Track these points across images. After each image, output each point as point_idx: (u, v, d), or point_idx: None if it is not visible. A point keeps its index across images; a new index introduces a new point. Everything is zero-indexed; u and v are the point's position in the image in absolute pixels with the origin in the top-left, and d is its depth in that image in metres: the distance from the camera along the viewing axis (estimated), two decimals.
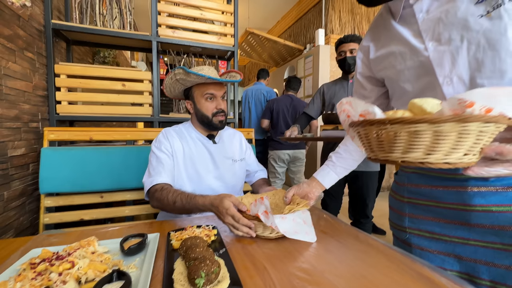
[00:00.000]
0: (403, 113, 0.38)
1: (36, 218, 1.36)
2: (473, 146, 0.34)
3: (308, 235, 0.67)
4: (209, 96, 0.97)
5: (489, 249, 0.54)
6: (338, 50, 1.56)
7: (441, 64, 0.54)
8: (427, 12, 0.54)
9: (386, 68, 0.64)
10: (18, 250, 0.63)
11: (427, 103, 0.36)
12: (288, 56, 4.26)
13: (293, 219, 0.68)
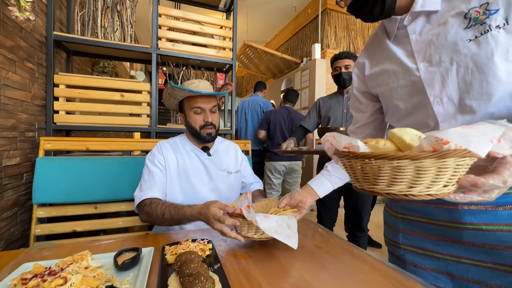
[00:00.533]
0: (384, 143, 0.39)
1: (27, 229, 1.34)
2: (451, 178, 0.37)
3: (290, 239, 0.66)
4: (197, 109, 0.99)
5: (481, 268, 0.55)
6: (334, 65, 1.61)
7: (431, 85, 0.56)
8: (420, 34, 0.57)
9: (380, 85, 0.67)
10: (8, 264, 0.62)
11: (407, 134, 0.38)
12: (285, 69, 4.35)
13: (277, 221, 0.68)
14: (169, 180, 0.99)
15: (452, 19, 0.52)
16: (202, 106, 0.98)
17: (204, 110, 0.99)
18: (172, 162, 1.01)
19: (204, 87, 0.99)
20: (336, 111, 1.62)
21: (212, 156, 1.06)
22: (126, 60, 1.96)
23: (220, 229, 0.69)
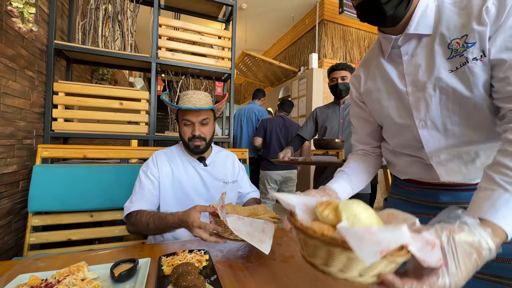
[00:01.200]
0: (328, 214, 0.40)
1: (21, 238, 1.32)
2: (366, 270, 0.36)
3: (262, 243, 0.65)
4: (186, 121, 1.00)
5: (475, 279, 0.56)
6: (330, 76, 1.65)
7: (417, 108, 0.60)
8: (412, 56, 0.60)
9: (373, 102, 0.70)
10: (3, 275, 0.61)
11: (346, 211, 0.38)
12: (283, 77, 4.41)
13: (251, 224, 0.68)
14: (163, 191, 1.00)
15: (437, 47, 0.55)
16: (190, 119, 0.99)
17: (193, 123, 1.00)
18: (167, 173, 1.02)
19: (197, 99, 1.01)
20: (333, 121, 1.65)
21: (209, 166, 1.07)
22: (126, 68, 1.98)
23: (199, 235, 0.71)
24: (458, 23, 0.53)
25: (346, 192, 0.68)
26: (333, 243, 0.35)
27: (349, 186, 0.69)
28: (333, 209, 0.40)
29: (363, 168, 0.74)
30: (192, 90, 1.03)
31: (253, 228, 0.68)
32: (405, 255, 0.33)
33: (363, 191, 1.52)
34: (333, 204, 0.41)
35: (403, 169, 0.70)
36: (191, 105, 0.98)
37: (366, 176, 0.74)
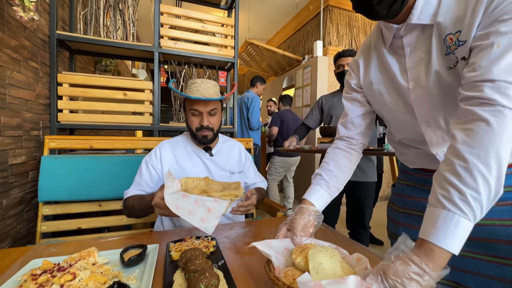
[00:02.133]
0: (300, 261, 0.48)
1: (33, 227, 1.36)
2: None
3: (204, 223, 0.63)
4: (194, 111, 0.98)
5: (475, 260, 0.57)
6: (337, 63, 1.61)
7: (420, 106, 0.57)
8: (414, 48, 0.55)
9: (375, 94, 0.66)
10: (17, 260, 0.63)
11: (312, 260, 0.45)
12: (287, 66, 4.34)
13: (196, 202, 0.66)
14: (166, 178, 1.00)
15: (437, 40, 0.51)
16: (198, 109, 0.97)
17: (201, 113, 0.98)
18: (171, 163, 1.01)
19: (205, 88, 0.98)
20: (339, 108, 1.62)
21: (215, 156, 1.06)
22: (128, 58, 1.96)
23: (157, 212, 0.75)
24: (455, 15, 0.48)
25: (325, 201, 0.69)
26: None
27: (327, 193, 0.69)
28: (304, 257, 0.48)
29: (343, 168, 0.71)
30: (200, 79, 0.99)
31: (197, 206, 0.65)
32: None
33: (369, 179, 1.53)
34: (305, 252, 0.48)
35: (411, 159, 0.68)
36: (199, 95, 0.96)
37: (344, 179, 0.72)
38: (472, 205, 0.40)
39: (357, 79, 0.71)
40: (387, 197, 3.97)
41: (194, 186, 0.81)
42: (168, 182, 0.72)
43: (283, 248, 0.55)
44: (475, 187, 0.40)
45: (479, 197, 0.40)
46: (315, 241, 0.57)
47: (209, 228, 0.64)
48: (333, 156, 0.73)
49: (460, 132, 0.44)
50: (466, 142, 0.42)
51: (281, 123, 2.92)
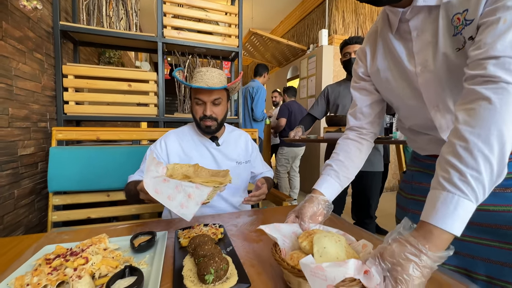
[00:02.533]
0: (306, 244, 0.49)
1: (44, 216, 1.39)
2: None
3: (183, 209, 0.62)
4: (197, 100, 0.97)
5: (486, 246, 0.56)
6: (343, 51, 1.57)
7: (428, 90, 0.55)
8: (422, 31, 0.53)
9: (382, 82, 0.65)
10: (31, 246, 0.65)
11: (317, 244, 0.46)
12: (291, 56, 4.27)
13: (177, 187, 0.64)
14: None
15: (443, 21, 0.49)
16: (202, 98, 0.96)
17: (205, 102, 0.97)
18: (177, 153, 1.01)
19: (210, 77, 0.97)
20: (345, 98, 1.59)
21: (221, 146, 1.06)
22: (131, 49, 1.95)
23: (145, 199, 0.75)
24: None
25: (335, 191, 0.68)
26: (299, 275, 0.41)
27: (337, 183, 0.68)
28: (310, 241, 0.48)
29: (353, 158, 0.70)
30: (206, 67, 0.98)
31: (177, 191, 0.63)
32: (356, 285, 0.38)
33: (376, 169, 1.51)
34: (311, 237, 0.49)
35: (422, 146, 0.67)
36: (203, 84, 0.95)
37: (354, 169, 0.71)
38: (473, 185, 0.39)
39: (364, 68, 0.70)
40: (393, 188, 3.95)
41: (182, 172, 0.79)
42: (152, 166, 0.70)
43: (291, 232, 0.55)
44: (475, 167, 0.39)
45: (480, 176, 0.39)
46: (323, 227, 0.58)
47: (187, 214, 0.62)
48: (343, 147, 0.72)
49: (462, 112, 0.43)
50: (467, 122, 0.41)
51: (289, 114, 2.91)
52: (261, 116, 2.75)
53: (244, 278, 0.49)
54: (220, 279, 0.48)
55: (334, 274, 0.37)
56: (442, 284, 0.49)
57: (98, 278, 0.48)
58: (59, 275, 0.46)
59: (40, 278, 0.45)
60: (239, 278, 0.49)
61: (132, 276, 0.47)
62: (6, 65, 1.08)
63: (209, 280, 0.46)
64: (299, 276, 0.42)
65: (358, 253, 0.49)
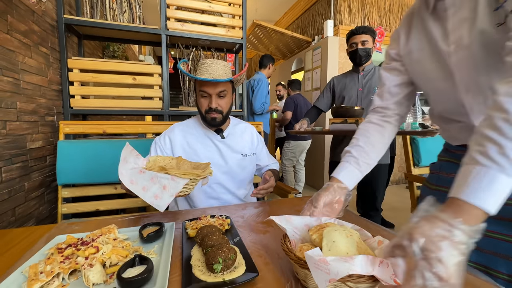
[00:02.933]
0: (316, 237, 0.48)
1: (54, 208, 1.42)
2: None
3: (157, 200, 0.62)
4: (203, 93, 0.96)
5: (510, 243, 0.53)
6: (350, 41, 1.53)
7: (461, 70, 0.53)
8: (459, 8, 0.51)
9: (414, 63, 0.63)
10: (43, 236, 0.66)
11: (326, 238, 0.45)
12: (296, 48, 4.20)
13: (152, 178, 0.64)
14: None
15: None
16: (207, 90, 0.95)
17: (210, 95, 0.96)
18: (181, 145, 1.01)
19: (215, 69, 0.95)
20: (351, 90, 1.56)
21: (226, 138, 1.06)
22: (135, 42, 1.94)
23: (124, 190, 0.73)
24: None
25: (355, 178, 0.65)
26: (305, 267, 0.41)
27: (357, 170, 0.65)
28: (320, 234, 0.48)
29: (374, 143, 0.67)
30: (211, 59, 0.96)
31: (152, 183, 0.64)
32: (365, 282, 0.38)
33: (382, 161, 1.49)
34: (322, 230, 0.49)
35: (453, 135, 0.65)
36: (208, 76, 0.93)
37: (376, 154, 0.67)
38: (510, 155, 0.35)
39: (397, 49, 0.68)
40: (398, 181, 3.92)
41: (164, 165, 0.79)
42: (131, 158, 0.70)
43: (303, 225, 0.55)
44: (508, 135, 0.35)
45: None
46: (337, 222, 0.57)
47: (161, 205, 0.62)
48: (363, 132, 0.69)
49: (504, 85, 0.39)
50: (509, 93, 0.37)
51: (294, 107, 2.90)
52: (260, 109, 2.67)
53: (252, 267, 0.49)
54: (228, 268, 0.48)
55: (337, 269, 0.36)
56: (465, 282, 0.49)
57: (109, 267, 0.49)
58: (71, 264, 0.47)
59: (53, 267, 0.46)
60: (247, 268, 0.49)
61: (142, 265, 0.48)
62: (12, 59, 1.09)
63: (218, 269, 0.46)
64: (305, 268, 0.41)
65: (373, 249, 0.48)
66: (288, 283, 0.47)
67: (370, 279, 0.38)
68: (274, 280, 0.48)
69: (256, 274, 0.47)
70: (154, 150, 1.02)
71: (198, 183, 0.76)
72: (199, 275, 0.47)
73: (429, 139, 1.86)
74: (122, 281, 0.42)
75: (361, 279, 0.38)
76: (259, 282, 0.47)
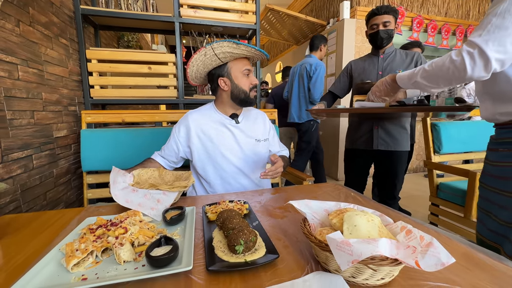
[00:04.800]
0: (336, 221, 0.49)
1: (80, 194, 1.51)
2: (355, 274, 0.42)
3: (154, 211, 0.69)
4: (246, 72, 0.99)
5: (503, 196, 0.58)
6: (370, 23, 1.45)
7: None
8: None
9: None
10: (74, 218, 0.71)
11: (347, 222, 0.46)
12: (310, 33, 4.06)
13: (145, 195, 0.72)
14: (194, 149, 1.02)
15: None
16: (250, 68, 1.00)
17: (251, 72, 1.00)
18: (196, 133, 1.02)
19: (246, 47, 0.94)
20: (370, 73, 1.50)
21: (240, 123, 1.06)
22: (148, 31, 1.95)
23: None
24: None
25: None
26: (326, 249, 0.42)
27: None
28: (340, 218, 0.49)
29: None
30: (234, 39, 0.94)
31: (146, 199, 0.71)
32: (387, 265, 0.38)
33: (402, 148, 1.45)
34: (342, 215, 0.49)
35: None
36: (246, 52, 0.95)
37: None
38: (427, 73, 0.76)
39: None
40: (416, 170, 3.81)
41: (148, 177, 0.87)
42: (119, 178, 0.77)
43: (322, 210, 0.55)
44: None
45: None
46: (357, 207, 0.56)
47: (158, 215, 0.68)
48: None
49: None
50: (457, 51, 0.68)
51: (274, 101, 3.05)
52: (319, 98, 2.32)
53: (272, 250, 0.51)
54: (249, 250, 0.50)
55: (361, 250, 0.37)
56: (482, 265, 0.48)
57: (137, 246, 0.52)
58: (103, 243, 0.50)
59: (86, 245, 0.50)
60: (267, 250, 0.51)
61: (167, 245, 0.51)
62: (36, 50, 1.13)
63: (240, 251, 0.48)
64: (326, 250, 0.42)
65: (394, 235, 0.48)
66: (308, 265, 0.48)
67: (392, 262, 0.38)
68: (294, 262, 0.49)
69: (277, 255, 0.48)
70: (172, 137, 1.04)
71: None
72: (221, 256, 0.49)
73: (452, 125, 1.78)
74: (151, 259, 0.45)
75: (384, 261, 0.38)
76: (280, 263, 0.48)
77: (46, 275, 0.44)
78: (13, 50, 0.99)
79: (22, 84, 1.04)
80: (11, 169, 0.97)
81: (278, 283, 0.42)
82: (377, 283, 0.42)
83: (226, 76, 1.00)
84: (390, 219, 0.52)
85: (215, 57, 0.94)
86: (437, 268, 0.35)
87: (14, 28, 1.00)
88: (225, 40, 0.89)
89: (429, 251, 0.36)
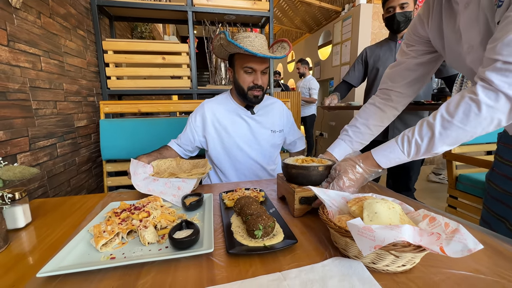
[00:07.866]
0: (355, 209, 0.49)
1: (100, 181, 1.57)
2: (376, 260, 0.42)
3: (176, 197, 0.72)
4: (248, 69, 0.93)
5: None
6: (386, 5, 1.39)
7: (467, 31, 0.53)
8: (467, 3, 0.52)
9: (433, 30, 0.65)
10: (98, 203, 0.75)
11: (368, 209, 0.45)
12: (324, 20, 3.93)
13: (166, 183, 0.75)
14: (209, 139, 1.03)
15: None
16: (254, 67, 0.92)
17: (255, 71, 0.93)
18: (212, 123, 1.03)
19: (259, 44, 0.90)
20: (387, 60, 1.44)
21: (256, 114, 1.06)
22: (161, 21, 1.95)
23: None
24: None
25: (344, 154, 0.77)
26: (346, 235, 0.42)
27: (350, 148, 0.79)
28: (359, 206, 0.49)
29: (371, 126, 0.77)
30: (253, 33, 0.91)
31: (167, 187, 0.74)
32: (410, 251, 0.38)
33: None
34: (361, 202, 0.49)
35: None
36: (256, 51, 0.87)
37: (370, 136, 0.79)
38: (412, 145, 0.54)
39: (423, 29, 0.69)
40: (432, 162, 3.69)
41: (166, 167, 0.90)
42: (139, 169, 0.80)
43: (340, 197, 0.55)
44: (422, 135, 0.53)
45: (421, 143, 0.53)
46: (376, 196, 0.56)
47: (179, 201, 0.71)
48: (364, 114, 0.79)
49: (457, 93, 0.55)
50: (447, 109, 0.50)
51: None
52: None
53: (290, 235, 0.51)
54: (268, 235, 0.51)
55: (384, 236, 0.36)
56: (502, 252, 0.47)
57: (160, 229, 0.54)
58: (128, 225, 0.53)
59: (113, 227, 0.52)
60: (285, 236, 0.51)
61: (188, 229, 0.52)
62: (56, 42, 1.16)
63: (258, 235, 0.49)
64: (346, 236, 0.42)
65: (416, 223, 0.47)
66: (326, 251, 0.48)
67: (415, 248, 0.37)
68: (312, 247, 0.50)
69: (295, 241, 0.49)
70: (189, 125, 1.05)
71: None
72: (240, 240, 0.50)
73: None
74: (174, 241, 0.47)
75: (406, 248, 0.37)
76: (298, 249, 0.49)
77: (78, 253, 0.47)
78: (36, 41, 1.02)
79: (45, 75, 1.08)
80: (38, 157, 1.03)
81: (297, 267, 0.43)
82: (397, 270, 0.42)
83: (232, 67, 1.00)
84: (411, 207, 0.51)
85: (220, 46, 0.95)
86: (463, 254, 0.34)
87: (36, 20, 1.03)
88: (223, 31, 0.88)
89: (455, 237, 0.36)
